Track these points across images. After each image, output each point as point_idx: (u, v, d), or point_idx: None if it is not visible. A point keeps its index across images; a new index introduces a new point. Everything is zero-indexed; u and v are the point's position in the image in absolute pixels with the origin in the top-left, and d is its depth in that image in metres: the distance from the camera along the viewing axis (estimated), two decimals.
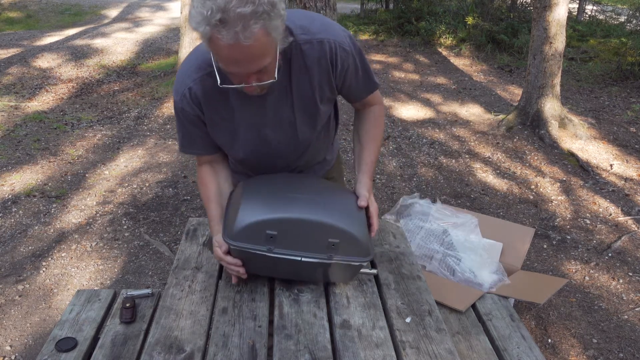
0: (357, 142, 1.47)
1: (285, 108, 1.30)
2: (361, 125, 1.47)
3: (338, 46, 1.25)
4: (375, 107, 1.46)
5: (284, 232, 1.19)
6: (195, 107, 1.27)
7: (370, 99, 1.43)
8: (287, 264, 1.22)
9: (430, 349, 1.12)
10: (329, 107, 1.39)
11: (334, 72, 1.28)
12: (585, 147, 4.23)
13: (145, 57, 6.89)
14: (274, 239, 1.19)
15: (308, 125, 1.36)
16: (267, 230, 1.18)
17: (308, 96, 1.29)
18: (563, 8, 4.20)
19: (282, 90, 1.26)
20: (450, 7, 8.32)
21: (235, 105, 1.27)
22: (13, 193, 3.40)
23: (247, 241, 1.19)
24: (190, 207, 3.29)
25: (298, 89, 1.28)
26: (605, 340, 2.28)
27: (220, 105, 1.27)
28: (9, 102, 5.12)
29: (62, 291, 2.52)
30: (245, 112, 1.29)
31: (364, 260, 1.24)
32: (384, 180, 3.71)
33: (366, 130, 1.45)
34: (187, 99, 1.26)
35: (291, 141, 1.37)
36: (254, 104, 1.27)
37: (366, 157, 1.42)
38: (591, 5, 9.08)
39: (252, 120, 1.30)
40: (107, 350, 1.37)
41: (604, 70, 6.18)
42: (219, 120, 1.29)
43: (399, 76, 6.29)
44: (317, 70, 1.26)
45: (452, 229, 2.40)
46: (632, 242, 3.00)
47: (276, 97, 1.27)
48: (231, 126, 1.31)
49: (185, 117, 1.30)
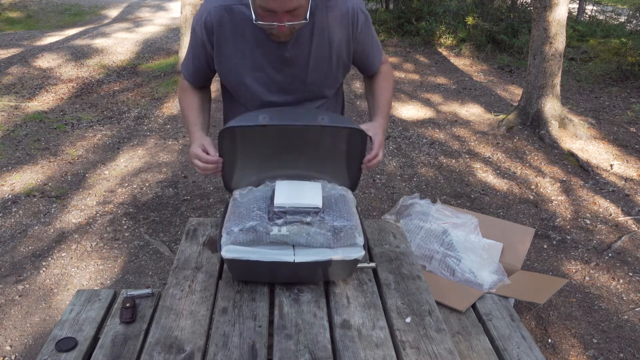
0: (370, 95, 1.55)
1: (301, 58, 1.35)
2: (372, 82, 1.56)
3: (358, 8, 1.35)
4: (383, 66, 1.56)
5: (275, 114, 1.29)
6: (205, 33, 1.34)
7: (380, 67, 1.54)
8: (285, 266, 1.23)
9: (430, 349, 1.12)
10: (341, 74, 1.45)
11: (353, 33, 1.36)
12: (585, 147, 4.23)
13: (146, 57, 6.89)
14: (266, 119, 1.27)
15: (317, 80, 1.42)
16: (260, 115, 1.27)
17: (326, 51, 1.36)
18: (563, 8, 4.20)
19: (303, 39, 1.33)
20: (450, 7, 8.32)
21: (250, 44, 1.33)
22: (13, 193, 3.40)
23: (243, 121, 1.27)
24: (190, 207, 3.29)
25: (318, 42, 1.34)
26: (606, 340, 2.28)
27: (236, 38, 1.33)
28: (9, 102, 5.12)
29: (62, 291, 2.52)
30: (258, 53, 1.34)
31: (353, 126, 1.29)
32: (384, 180, 3.71)
33: (377, 84, 1.54)
34: (201, 23, 1.34)
35: (301, 90, 1.43)
36: (270, 48, 1.33)
37: (379, 102, 1.50)
38: (591, 6, 9.07)
39: (263, 62, 1.35)
40: (107, 350, 1.37)
41: (604, 70, 6.18)
42: (230, 53, 1.35)
43: (399, 76, 6.29)
44: (339, 27, 1.34)
45: (452, 229, 2.40)
46: (632, 242, 3.00)
47: (294, 45, 1.33)
48: (241, 62, 1.36)
49: (194, 38, 1.38)
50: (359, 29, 1.36)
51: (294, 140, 1.39)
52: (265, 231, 1.22)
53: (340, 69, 1.43)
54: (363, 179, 3.72)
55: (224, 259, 1.23)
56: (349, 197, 1.39)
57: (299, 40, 1.32)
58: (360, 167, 1.38)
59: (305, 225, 1.23)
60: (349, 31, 1.35)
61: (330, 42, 1.34)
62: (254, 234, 1.22)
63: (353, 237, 1.24)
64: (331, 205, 1.31)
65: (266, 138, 1.41)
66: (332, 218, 1.26)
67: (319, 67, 1.38)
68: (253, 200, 1.32)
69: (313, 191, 1.32)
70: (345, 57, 1.40)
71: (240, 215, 1.27)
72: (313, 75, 1.39)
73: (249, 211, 1.27)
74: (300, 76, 1.39)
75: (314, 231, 1.22)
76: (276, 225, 1.23)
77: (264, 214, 1.26)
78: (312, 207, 1.27)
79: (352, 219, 1.27)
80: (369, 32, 1.41)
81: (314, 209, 1.27)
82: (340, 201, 1.33)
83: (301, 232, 1.22)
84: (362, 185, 3.63)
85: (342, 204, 1.32)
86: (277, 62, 1.35)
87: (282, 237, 1.22)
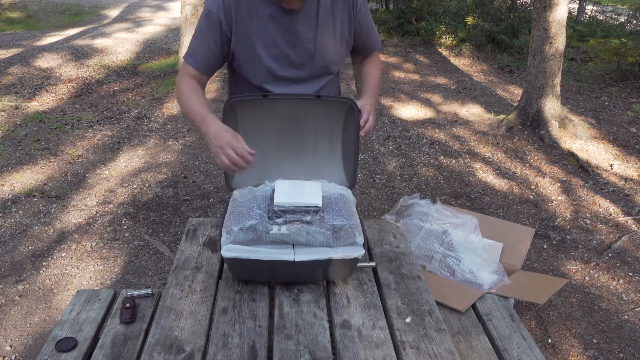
0: (359, 79, 1.63)
1: (310, 35, 1.43)
2: (363, 67, 1.64)
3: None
4: (375, 53, 1.66)
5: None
6: (223, 13, 1.38)
7: (372, 54, 1.65)
8: (285, 265, 1.23)
9: (430, 349, 1.12)
10: (344, 51, 1.54)
11: (354, 11, 1.46)
12: (585, 147, 4.22)
13: (146, 57, 6.89)
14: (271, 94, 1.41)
15: (326, 57, 1.49)
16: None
17: (330, 27, 1.44)
18: (563, 8, 4.20)
19: (310, 15, 1.41)
20: (450, 7, 8.32)
21: (263, 21, 1.39)
22: (13, 193, 3.40)
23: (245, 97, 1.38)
24: (190, 207, 3.29)
25: (323, 19, 1.42)
26: (606, 340, 2.28)
27: (251, 16, 1.38)
28: (9, 102, 5.12)
29: (62, 291, 2.52)
30: (271, 28, 1.41)
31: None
32: (384, 180, 3.71)
33: (367, 69, 1.62)
34: (220, 2, 1.38)
35: (309, 67, 1.49)
36: (282, 22, 1.40)
37: (368, 84, 1.58)
38: (591, 6, 9.07)
39: (276, 37, 1.42)
40: (107, 350, 1.37)
41: (604, 70, 6.17)
42: (247, 30, 1.40)
43: (399, 76, 6.29)
44: (342, 6, 1.43)
45: (452, 229, 2.40)
46: (632, 242, 3.00)
47: (303, 19, 1.41)
48: (257, 39, 1.41)
49: (209, 20, 1.40)
50: (358, 8, 1.46)
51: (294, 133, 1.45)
52: (265, 230, 1.22)
53: (344, 46, 1.51)
54: (363, 179, 3.72)
55: (224, 258, 1.23)
56: (349, 196, 1.39)
57: (307, 16, 1.40)
58: (357, 160, 1.47)
59: (305, 224, 1.23)
60: (350, 10, 1.45)
61: (334, 19, 1.44)
62: (254, 233, 1.22)
63: (353, 236, 1.24)
64: (331, 204, 1.31)
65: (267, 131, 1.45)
66: (332, 217, 1.26)
67: (325, 42, 1.46)
68: (253, 200, 1.32)
69: (313, 190, 1.32)
70: (347, 35, 1.49)
71: (240, 214, 1.27)
72: (321, 49, 1.47)
73: (249, 210, 1.27)
74: (309, 50, 1.46)
75: (313, 230, 1.22)
76: (276, 224, 1.23)
77: (264, 213, 1.26)
78: (312, 206, 1.27)
79: (352, 218, 1.27)
80: (367, 12, 1.51)
81: (313, 207, 1.27)
82: (340, 200, 1.34)
83: (301, 231, 1.22)
84: (362, 185, 3.63)
85: (342, 203, 1.33)
86: (288, 36, 1.42)
87: (282, 236, 1.22)
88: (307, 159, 1.54)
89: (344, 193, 1.39)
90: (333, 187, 1.42)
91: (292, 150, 1.52)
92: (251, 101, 1.41)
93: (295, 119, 1.48)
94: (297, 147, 1.53)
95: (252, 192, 1.38)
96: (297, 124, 1.48)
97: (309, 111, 1.46)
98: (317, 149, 1.53)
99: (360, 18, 1.49)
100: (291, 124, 1.48)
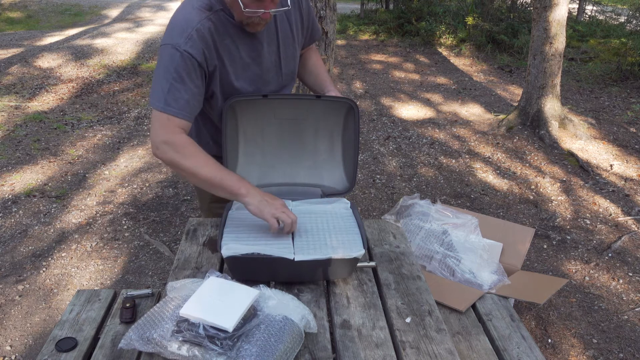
0: (309, 73, 1.63)
1: (273, 47, 1.42)
2: (307, 61, 1.64)
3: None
4: (312, 46, 1.66)
5: None
6: (202, 48, 1.26)
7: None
8: (285, 265, 1.23)
9: (430, 349, 1.12)
10: (298, 52, 1.53)
11: (302, 9, 1.46)
12: (585, 147, 4.23)
13: (146, 57, 6.89)
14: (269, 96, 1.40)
15: (290, 64, 1.49)
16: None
17: (288, 32, 1.44)
18: (563, 8, 4.20)
19: (270, 31, 1.40)
20: (450, 7, 8.32)
21: (238, 45, 1.36)
22: (13, 193, 3.40)
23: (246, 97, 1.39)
24: (190, 207, 3.30)
25: (281, 26, 1.42)
26: (606, 340, 2.28)
27: (228, 43, 1.34)
28: (10, 102, 5.13)
29: (62, 291, 2.52)
30: (244, 52, 1.37)
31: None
32: (384, 180, 3.71)
33: (313, 62, 1.63)
34: (195, 39, 1.24)
35: (276, 78, 1.48)
36: (250, 44, 1.37)
37: (322, 77, 1.60)
38: (591, 6, 9.07)
39: (245, 59, 1.39)
40: (107, 350, 1.37)
41: (604, 70, 6.18)
42: (224, 59, 1.35)
43: (399, 76, 6.29)
44: (293, 9, 1.42)
45: (452, 230, 2.40)
46: (632, 242, 3.00)
47: (267, 37, 1.39)
48: (236, 63, 1.38)
49: (185, 65, 1.23)
50: (304, 4, 1.47)
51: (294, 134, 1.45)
52: (163, 347, 1.01)
53: (298, 47, 1.51)
54: (363, 179, 3.72)
55: (224, 258, 1.23)
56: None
57: (268, 28, 1.39)
58: (357, 158, 1.48)
59: (207, 351, 0.99)
60: (300, 11, 1.46)
61: (290, 23, 1.43)
62: (153, 345, 1.02)
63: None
64: (259, 328, 1.03)
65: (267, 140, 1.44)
66: (251, 346, 0.99)
67: (287, 48, 1.45)
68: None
69: (237, 303, 1.06)
70: (301, 35, 1.49)
71: (153, 320, 1.07)
72: (284, 57, 1.46)
73: (160, 319, 1.06)
74: (275, 62, 1.45)
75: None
76: (177, 340, 1.00)
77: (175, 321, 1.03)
78: (220, 329, 1.00)
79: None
80: (309, 5, 1.51)
81: (222, 331, 1.00)
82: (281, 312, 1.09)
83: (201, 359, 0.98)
84: (362, 185, 3.63)
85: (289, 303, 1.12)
86: (257, 55, 1.40)
87: (183, 358, 1.00)
88: (307, 159, 1.54)
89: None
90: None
91: (292, 150, 1.53)
92: (251, 101, 1.41)
93: (295, 119, 1.48)
94: (297, 147, 1.53)
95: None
96: (297, 124, 1.48)
97: (309, 111, 1.47)
98: (317, 149, 1.54)
99: (308, 13, 1.49)
100: (291, 124, 1.48)
